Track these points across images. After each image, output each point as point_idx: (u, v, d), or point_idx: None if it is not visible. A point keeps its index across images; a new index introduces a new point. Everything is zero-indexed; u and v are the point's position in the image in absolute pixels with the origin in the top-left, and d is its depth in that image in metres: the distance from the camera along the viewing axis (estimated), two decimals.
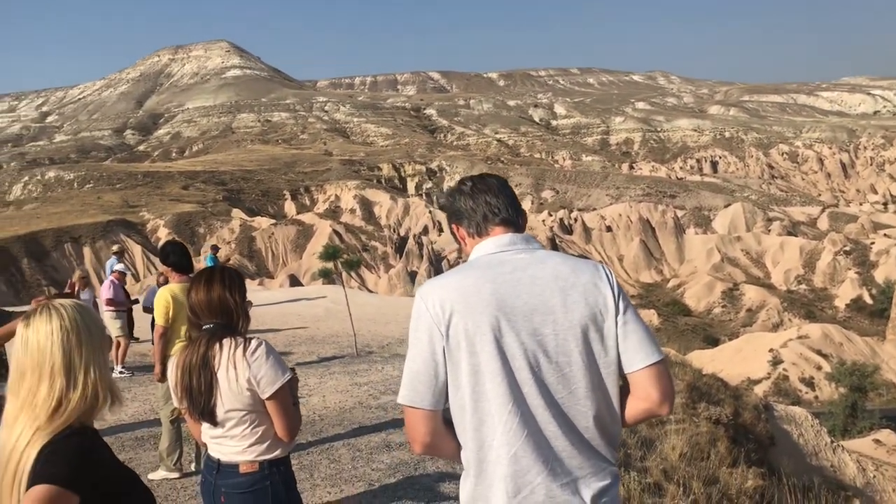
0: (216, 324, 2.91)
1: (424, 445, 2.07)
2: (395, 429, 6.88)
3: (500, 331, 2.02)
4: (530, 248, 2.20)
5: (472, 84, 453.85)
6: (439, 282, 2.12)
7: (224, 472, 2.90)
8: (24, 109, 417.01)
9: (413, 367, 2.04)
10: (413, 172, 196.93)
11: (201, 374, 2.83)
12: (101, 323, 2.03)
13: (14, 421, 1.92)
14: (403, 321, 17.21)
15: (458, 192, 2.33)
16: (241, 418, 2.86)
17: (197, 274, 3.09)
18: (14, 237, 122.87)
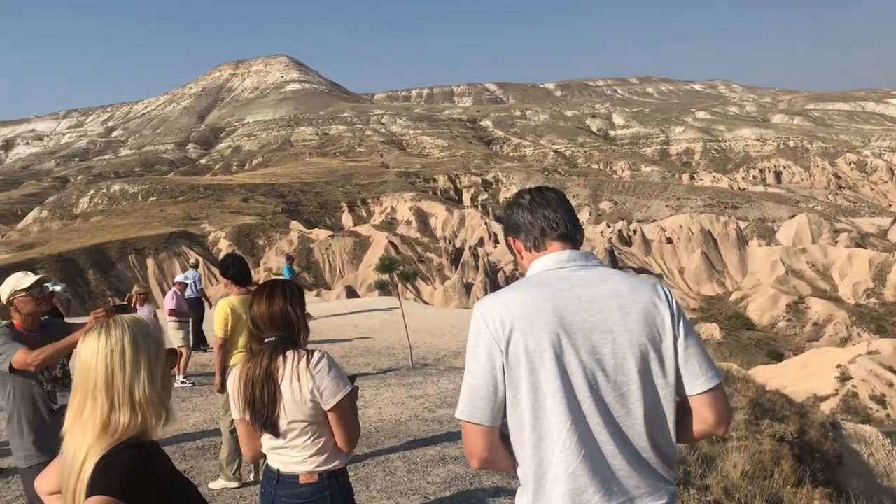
0: (278, 336, 2.96)
1: (482, 461, 2.09)
2: (450, 442, 6.85)
3: (560, 348, 2.03)
4: (589, 265, 2.20)
5: (528, 95, 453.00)
6: (499, 298, 2.11)
7: (284, 482, 2.94)
8: (90, 125, 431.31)
9: (472, 383, 2.03)
10: (469, 184, 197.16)
11: (265, 386, 2.86)
12: (154, 340, 2.02)
13: (70, 434, 1.97)
14: (459, 333, 17.19)
15: (516, 205, 2.30)
16: (302, 429, 2.90)
17: (259, 287, 3.13)
18: (80, 249, 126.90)
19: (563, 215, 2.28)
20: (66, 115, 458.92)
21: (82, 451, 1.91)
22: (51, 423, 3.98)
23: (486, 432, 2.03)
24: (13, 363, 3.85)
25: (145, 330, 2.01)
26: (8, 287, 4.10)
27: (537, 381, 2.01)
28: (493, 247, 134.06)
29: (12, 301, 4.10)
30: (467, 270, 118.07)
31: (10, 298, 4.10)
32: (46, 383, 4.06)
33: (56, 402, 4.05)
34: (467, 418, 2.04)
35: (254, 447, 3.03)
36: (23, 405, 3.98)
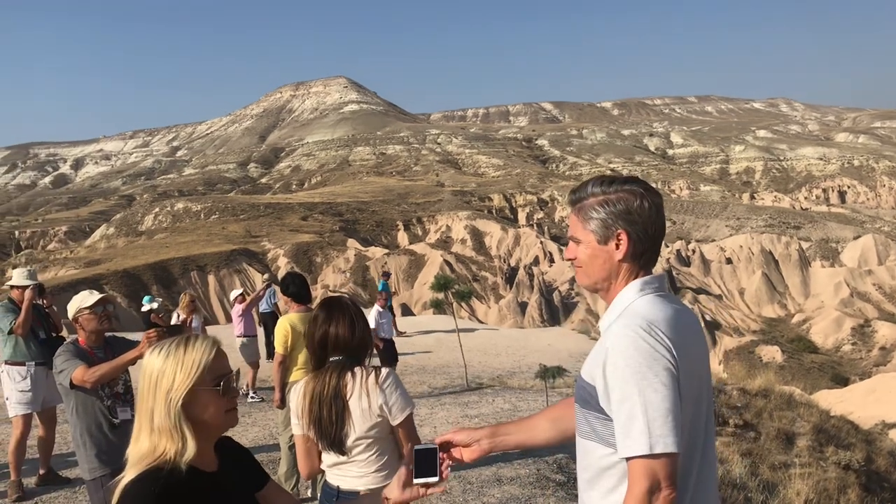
0: (345, 355, 2.99)
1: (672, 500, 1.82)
2: (505, 463, 6.83)
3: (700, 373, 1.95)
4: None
5: (584, 114, 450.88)
6: (663, 317, 1.91)
7: (344, 498, 2.95)
8: (156, 145, 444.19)
9: (674, 411, 1.80)
10: (524, 203, 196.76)
11: (332, 404, 2.87)
12: (189, 364, 1.89)
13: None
14: (515, 353, 17.14)
15: (643, 196, 2.02)
16: (367, 445, 2.91)
17: (321, 305, 3.15)
18: (145, 265, 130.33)
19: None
20: (132, 136, 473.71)
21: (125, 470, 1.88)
22: (112, 437, 4.13)
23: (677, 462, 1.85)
24: (73, 379, 4.00)
25: (175, 354, 1.91)
26: (74, 305, 4.30)
27: (697, 402, 1.91)
28: (548, 266, 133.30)
29: (77, 318, 4.29)
30: (522, 290, 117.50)
31: (76, 316, 4.30)
32: (107, 398, 4.18)
33: (117, 417, 4.17)
34: (675, 449, 1.79)
35: (311, 464, 3.04)
36: (85, 419, 4.12)
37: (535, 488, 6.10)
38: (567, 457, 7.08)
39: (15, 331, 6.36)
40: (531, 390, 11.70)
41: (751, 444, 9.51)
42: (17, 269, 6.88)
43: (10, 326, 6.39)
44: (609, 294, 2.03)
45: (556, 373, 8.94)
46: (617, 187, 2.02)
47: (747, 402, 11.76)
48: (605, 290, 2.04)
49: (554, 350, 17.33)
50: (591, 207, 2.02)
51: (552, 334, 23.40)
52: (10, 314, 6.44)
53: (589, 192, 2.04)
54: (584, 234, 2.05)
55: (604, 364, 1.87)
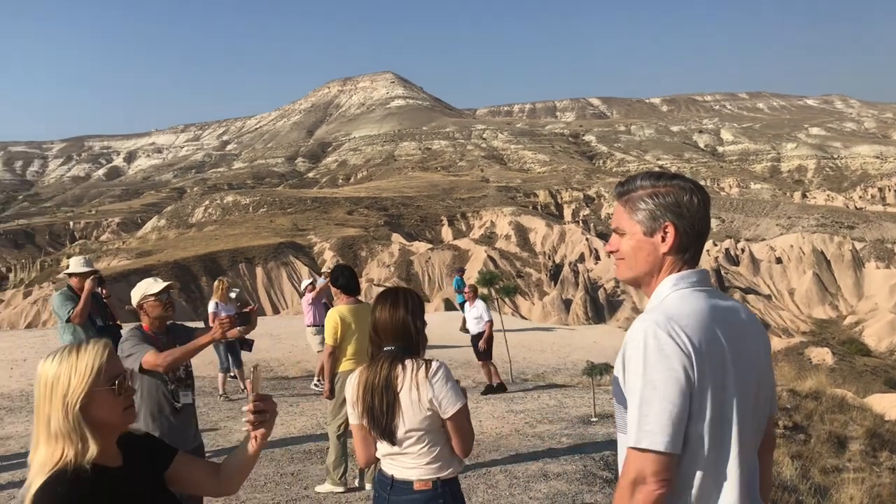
0: (398, 346, 3.02)
1: (663, 497, 1.85)
2: (552, 458, 6.82)
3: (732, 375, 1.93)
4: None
5: (633, 110, 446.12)
6: (688, 314, 1.90)
7: (398, 488, 2.97)
8: (206, 139, 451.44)
9: (671, 409, 1.81)
10: (570, 199, 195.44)
11: (384, 394, 2.91)
12: (83, 367, 1.90)
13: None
14: (559, 350, 17.08)
15: (692, 191, 2.01)
16: (419, 437, 2.93)
17: (380, 295, 3.19)
18: (195, 257, 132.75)
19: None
20: (184, 130, 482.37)
21: (30, 478, 1.88)
22: (175, 420, 4.23)
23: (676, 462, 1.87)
24: (143, 363, 4.08)
25: (68, 359, 1.91)
26: (139, 292, 4.38)
27: (720, 405, 1.89)
28: (593, 263, 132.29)
29: (142, 305, 4.37)
30: (567, 287, 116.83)
31: (141, 302, 4.37)
32: (171, 383, 4.27)
33: (179, 402, 4.27)
34: (671, 450, 1.81)
35: (368, 453, 3.08)
36: (149, 403, 4.18)
37: (581, 484, 6.08)
38: (614, 454, 7.04)
39: (73, 319, 6.52)
40: (577, 387, 11.65)
41: (801, 447, 9.35)
42: (74, 258, 7.04)
43: (68, 314, 6.55)
44: (650, 288, 2.03)
45: (604, 370, 8.88)
46: (666, 181, 2.02)
47: (797, 403, 11.54)
48: (647, 284, 2.04)
49: (599, 348, 17.22)
50: (639, 199, 2.02)
51: (597, 332, 23.25)
52: (69, 302, 6.59)
53: (637, 185, 2.04)
54: (629, 224, 2.03)
55: (622, 357, 1.90)
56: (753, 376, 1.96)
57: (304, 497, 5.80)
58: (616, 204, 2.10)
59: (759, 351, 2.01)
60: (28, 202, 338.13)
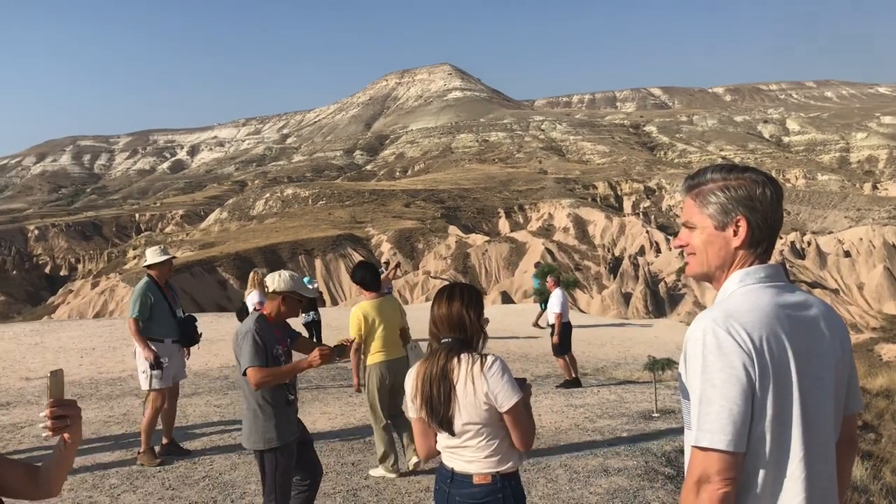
0: (454, 338, 3.03)
1: (729, 497, 1.82)
2: (612, 454, 6.74)
3: (797, 370, 1.88)
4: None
5: (695, 99, 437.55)
6: (750, 310, 1.86)
7: (458, 481, 2.99)
8: (267, 132, 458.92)
9: (731, 408, 1.78)
10: (630, 191, 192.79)
11: (441, 385, 2.93)
12: None
13: None
14: (619, 344, 16.88)
15: (764, 184, 1.96)
16: (477, 431, 2.94)
17: (440, 291, 3.20)
18: (255, 248, 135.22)
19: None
20: (245, 123, 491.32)
21: None
22: (288, 411, 4.45)
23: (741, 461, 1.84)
24: (246, 373, 4.26)
25: None
26: (283, 283, 4.54)
27: (782, 404, 1.85)
28: (654, 256, 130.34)
29: (284, 298, 4.55)
30: (626, 280, 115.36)
31: (274, 289, 4.54)
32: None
33: (292, 395, 4.51)
34: (734, 449, 1.78)
35: (428, 445, 3.09)
36: (265, 394, 4.37)
37: (643, 480, 5.99)
38: (676, 450, 6.92)
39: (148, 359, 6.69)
40: (637, 382, 11.49)
41: (871, 447, 9.05)
42: (150, 248, 7.23)
43: (137, 314, 6.72)
44: (720, 283, 1.99)
45: (665, 365, 8.72)
46: (738, 174, 1.97)
47: (867, 401, 11.18)
48: (718, 279, 1.99)
49: (661, 342, 16.96)
50: (710, 192, 1.98)
51: (658, 326, 22.89)
52: (145, 298, 6.78)
53: (708, 178, 2.00)
54: (700, 218, 1.99)
55: (684, 355, 1.89)
56: (824, 374, 1.91)
57: (365, 487, 5.84)
58: (685, 197, 2.06)
59: (834, 347, 1.95)
60: (96, 195, 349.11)
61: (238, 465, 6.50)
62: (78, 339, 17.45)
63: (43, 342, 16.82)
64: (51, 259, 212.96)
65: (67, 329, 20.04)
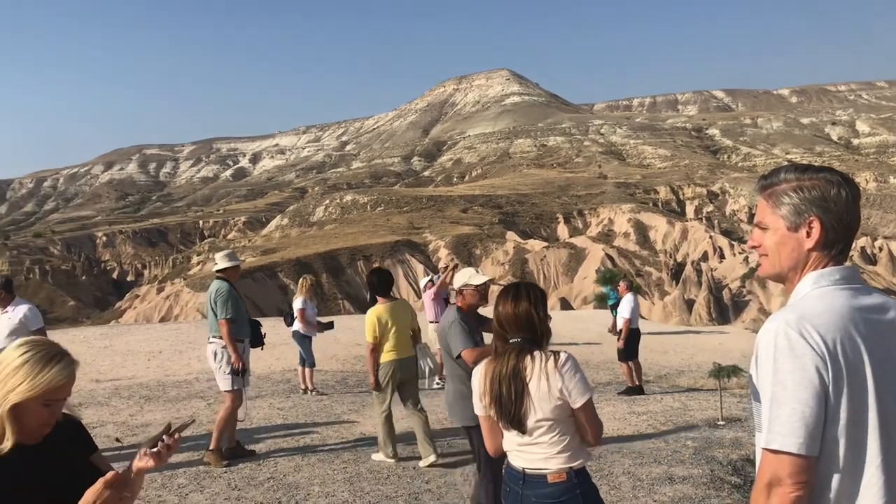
0: (523, 338, 3.05)
1: (801, 500, 1.79)
2: (676, 462, 6.61)
3: (873, 374, 1.83)
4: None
5: (760, 102, 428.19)
6: (824, 312, 1.82)
7: (531, 482, 3.00)
8: (327, 139, 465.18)
9: (801, 410, 1.75)
10: (692, 195, 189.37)
11: (511, 384, 2.95)
12: (38, 381, 2.04)
13: None
14: (683, 351, 16.59)
15: (840, 184, 1.92)
16: (549, 427, 2.96)
17: (504, 289, 3.22)
18: (315, 254, 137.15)
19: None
20: (305, 131, 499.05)
21: None
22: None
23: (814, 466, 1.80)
24: (462, 355, 4.73)
25: (34, 366, 2.05)
26: (463, 278, 5.08)
27: (856, 408, 1.80)
28: (718, 262, 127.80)
29: (462, 291, 5.05)
30: (689, 286, 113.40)
31: (461, 288, 5.05)
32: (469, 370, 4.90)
33: None
34: (805, 452, 1.75)
35: (495, 443, 3.11)
36: (457, 383, 4.89)
37: (708, 489, 5.86)
38: (742, 459, 6.75)
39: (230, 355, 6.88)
40: (702, 390, 11.26)
41: None
42: (219, 253, 7.39)
43: (226, 315, 6.86)
44: (793, 285, 1.95)
45: (732, 372, 8.52)
46: (812, 174, 1.94)
47: None
48: (791, 280, 1.95)
49: (725, 350, 16.60)
50: (783, 193, 1.94)
51: (723, 333, 22.43)
52: (231, 301, 6.96)
53: (782, 178, 1.96)
54: (773, 219, 1.95)
55: (755, 357, 1.86)
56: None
57: (426, 490, 5.85)
58: (759, 198, 2.03)
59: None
60: (161, 202, 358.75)
61: (302, 466, 6.59)
62: (145, 342, 17.93)
63: (112, 345, 17.33)
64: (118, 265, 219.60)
65: (135, 333, 20.61)
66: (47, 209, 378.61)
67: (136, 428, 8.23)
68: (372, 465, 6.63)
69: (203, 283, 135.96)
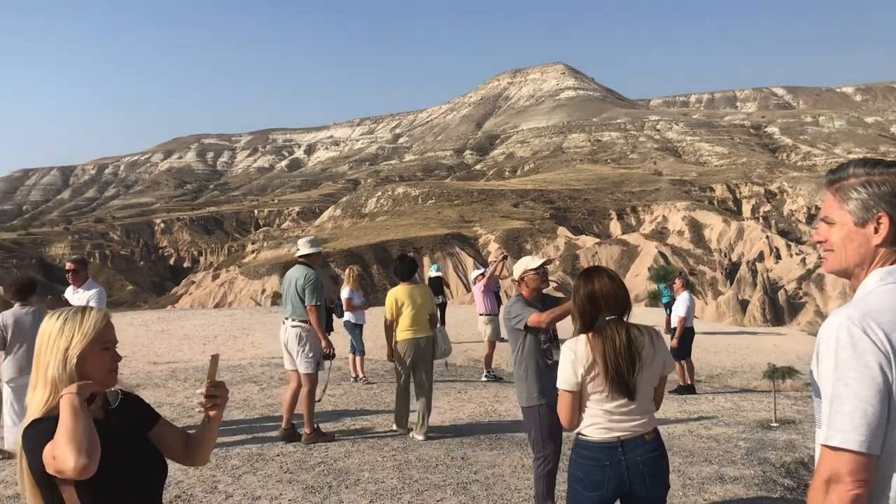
0: (619, 314, 3.31)
1: (861, 499, 1.74)
2: (728, 462, 6.53)
3: None
4: None
5: (821, 100, 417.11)
6: (879, 310, 1.78)
7: (629, 446, 3.23)
8: (380, 132, 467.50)
9: (862, 407, 1.71)
10: (749, 194, 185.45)
11: (627, 354, 3.19)
12: (86, 328, 2.20)
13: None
14: (735, 352, 16.33)
15: None
16: (646, 393, 3.28)
17: (594, 269, 3.48)
18: (366, 245, 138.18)
19: None
20: (359, 123, 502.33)
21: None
22: (546, 374, 4.90)
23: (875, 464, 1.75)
24: (528, 322, 4.90)
25: (74, 319, 2.23)
26: (521, 267, 5.17)
27: None
28: (773, 262, 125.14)
29: (523, 277, 5.15)
30: (743, 286, 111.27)
31: (522, 275, 5.15)
32: (544, 342, 5.05)
33: (550, 359, 5.01)
34: (866, 450, 1.70)
35: (573, 418, 3.30)
36: (530, 358, 5.00)
37: (761, 490, 5.78)
38: (797, 462, 6.64)
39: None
40: (755, 391, 11.08)
41: None
42: (303, 240, 7.69)
43: (315, 302, 7.07)
44: (858, 282, 1.91)
45: (787, 373, 8.36)
46: (882, 169, 1.90)
47: None
48: (857, 276, 1.92)
49: (780, 351, 16.28)
50: (851, 188, 1.91)
51: (778, 335, 21.99)
52: (319, 284, 7.22)
53: (850, 173, 1.94)
54: (840, 214, 1.92)
55: (816, 353, 1.83)
56: None
57: (475, 481, 5.89)
58: (826, 192, 1.99)
59: None
60: (218, 191, 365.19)
61: (352, 452, 6.69)
62: (200, 327, 18.33)
63: (168, 329, 17.77)
64: (175, 251, 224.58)
65: (191, 318, 21.09)
66: (108, 195, 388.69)
67: (192, 410, 8.44)
68: (421, 453, 6.69)
69: (257, 271, 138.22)
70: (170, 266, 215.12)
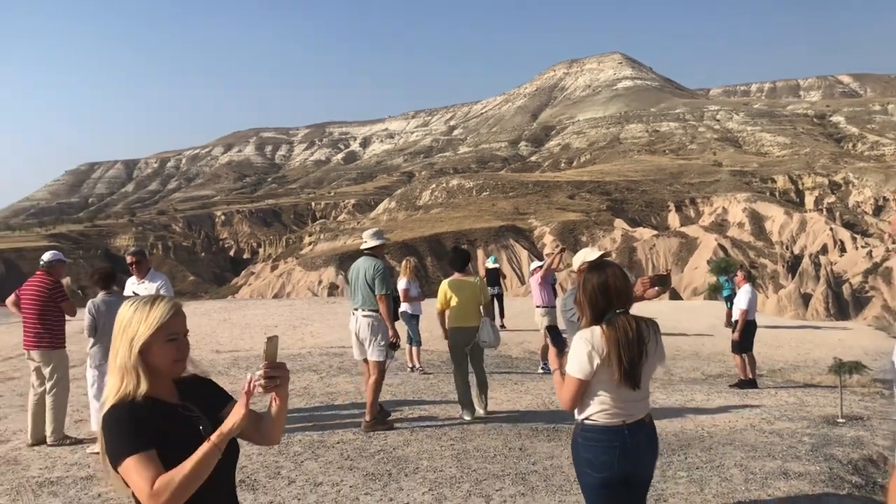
0: (626, 307, 3.44)
1: None
2: (792, 457, 6.40)
3: None
4: None
5: (891, 87, 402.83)
6: None
7: (634, 429, 3.43)
8: (435, 124, 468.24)
9: None
10: (812, 185, 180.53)
11: (637, 346, 3.35)
12: (152, 319, 2.25)
13: None
14: (798, 346, 15.95)
15: None
16: (647, 381, 3.46)
17: (600, 265, 3.56)
18: (421, 237, 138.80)
19: None
20: (414, 116, 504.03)
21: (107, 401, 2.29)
22: None
23: None
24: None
25: (143, 309, 2.29)
26: (580, 259, 5.09)
27: None
28: (838, 255, 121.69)
29: (581, 269, 4.99)
30: (806, 280, 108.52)
31: (580, 267, 5.03)
32: None
33: None
34: None
35: (577, 402, 3.45)
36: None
37: (826, 486, 5.65)
38: (865, 459, 6.47)
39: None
40: (819, 386, 10.82)
41: None
42: (368, 232, 7.92)
43: (385, 291, 7.24)
44: None
45: (854, 368, 8.14)
46: None
47: None
48: None
49: (846, 346, 15.83)
50: None
51: (844, 329, 21.39)
52: (388, 275, 7.41)
53: None
54: None
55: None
56: None
57: (533, 472, 5.90)
58: None
59: None
60: (276, 184, 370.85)
61: (411, 441, 6.76)
62: (261, 316, 18.69)
63: (230, 318, 18.16)
64: (235, 243, 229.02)
65: (252, 308, 21.51)
66: (170, 188, 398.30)
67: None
68: (479, 443, 6.72)
69: (313, 263, 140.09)
70: (230, 257, 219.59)
